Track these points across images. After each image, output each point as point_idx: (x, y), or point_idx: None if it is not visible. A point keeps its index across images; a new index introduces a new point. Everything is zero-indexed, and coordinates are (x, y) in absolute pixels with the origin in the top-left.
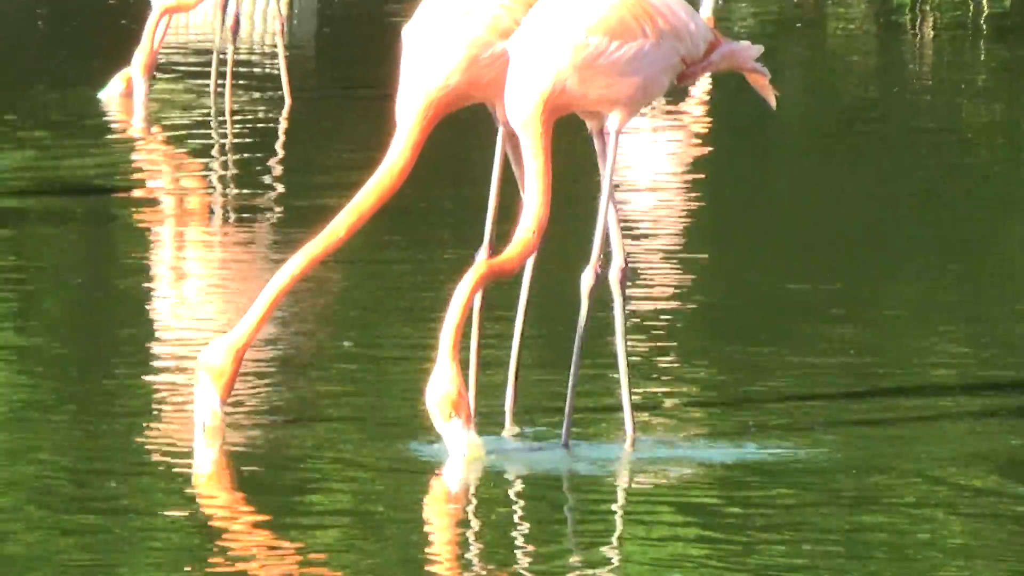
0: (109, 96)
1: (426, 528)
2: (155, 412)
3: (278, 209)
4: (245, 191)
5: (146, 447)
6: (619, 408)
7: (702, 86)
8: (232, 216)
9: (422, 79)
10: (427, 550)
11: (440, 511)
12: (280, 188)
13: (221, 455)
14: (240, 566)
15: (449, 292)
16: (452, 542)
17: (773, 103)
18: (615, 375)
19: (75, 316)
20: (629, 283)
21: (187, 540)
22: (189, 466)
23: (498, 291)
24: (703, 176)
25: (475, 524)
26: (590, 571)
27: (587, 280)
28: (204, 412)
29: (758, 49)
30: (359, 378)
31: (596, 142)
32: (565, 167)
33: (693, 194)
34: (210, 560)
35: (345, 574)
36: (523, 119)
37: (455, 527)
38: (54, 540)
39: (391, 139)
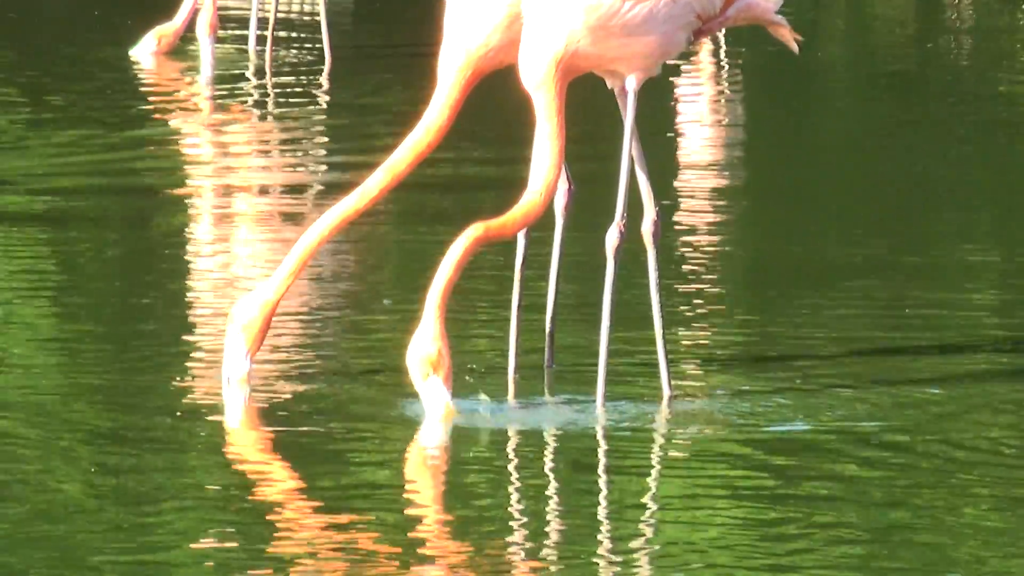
0: (141, 53)
1: (455, 481)
2: (192, 365)
3: (321, 169)
4: (286, 150)
5: (181, 396)
6: (655, 365)
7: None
8: (275, 176)
9: (464, 38)
10: (455, 504)
11: (467, 467)
12: (322, 146)
13: (251, 404)
14: (270, 515)
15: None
16: (479, 497)
17: (796, 49)
18: (651, 332)
19: (117, 273)
20: (662, 236)
21: (217, 482)
22: (220, 414)
23: (536, 249)
24: (742, 128)
25: (507, 481)
26: (623, 530)
27: (612, 239)
28: (233, 366)
29: (777, 1)
30: (394, 337)
31: (619, 99)
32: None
33: (734, 147)
34: (238, 503)
35: (368, 516)
36: (536, 81)
37: (483, 484)
38: (99, 478)
39: (430, 98)
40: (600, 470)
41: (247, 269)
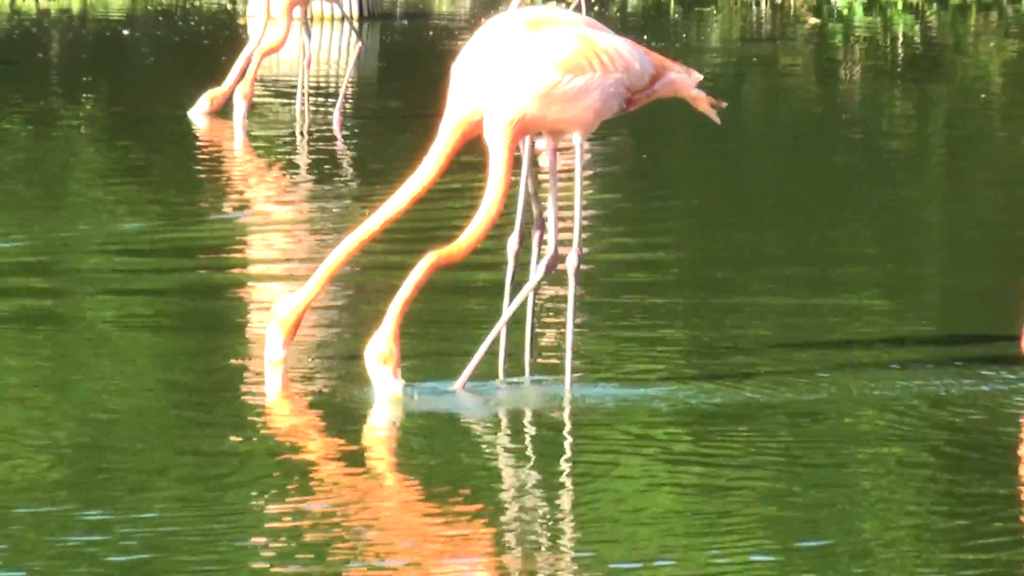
0: (197, 111)
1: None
2: (242, 354)
3: (346, 199)
4: (324, 187)
5: (231, 377)
6: (617, 357)
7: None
8: (307, 194)
9: (462, 105)
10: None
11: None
12: (350, 183)
13: (286, 381)
14: (309, 474)
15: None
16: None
17: (717, 120)
18: (607, 331)
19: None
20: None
21: (265, 447)
22: (261, 390)
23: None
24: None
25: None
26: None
27: (572, 261)
28: (272, 353)
29: (696, 78)
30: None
31: (549, 155)
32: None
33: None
34: (277, 455)
35: (386, 475)
36: (494, 138)
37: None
38: (170, 456)
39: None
40: (550, 448)
41: (283, 285)
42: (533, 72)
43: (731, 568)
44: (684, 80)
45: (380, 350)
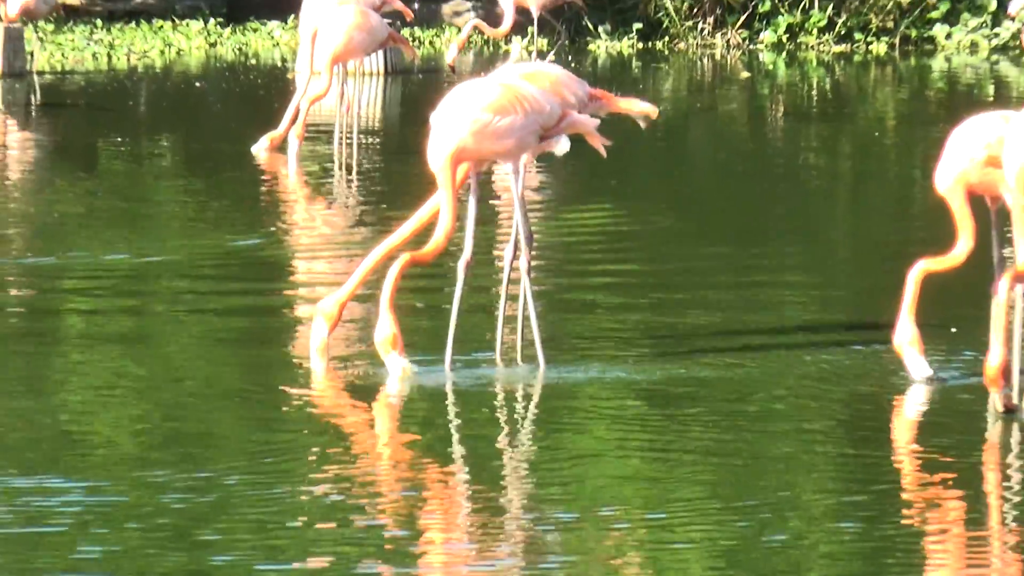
0: (259, 148)
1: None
2: (292, 344)
3: (374, 220)
4: (359, 209)
5: (283, 364)
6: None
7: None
8: (353, 216)
9: (441, 144)
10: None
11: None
12: (378, 206)
13: (328, 367)
14: (335, 434)
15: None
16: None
17: (603, 153)
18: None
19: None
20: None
21: (312, 418)
22: (308, 373)
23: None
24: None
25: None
26: (536, 455)
27: (523, 263)
28: (317, 341)
29: (594, 122)
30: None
31: (512, 181)
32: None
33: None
34: (322, 424)
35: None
36: (438, 168)
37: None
38: (235, 428)
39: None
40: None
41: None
42: (469, 114)
43: (675, 517)
44: (584, 121)
45: (385, 336)
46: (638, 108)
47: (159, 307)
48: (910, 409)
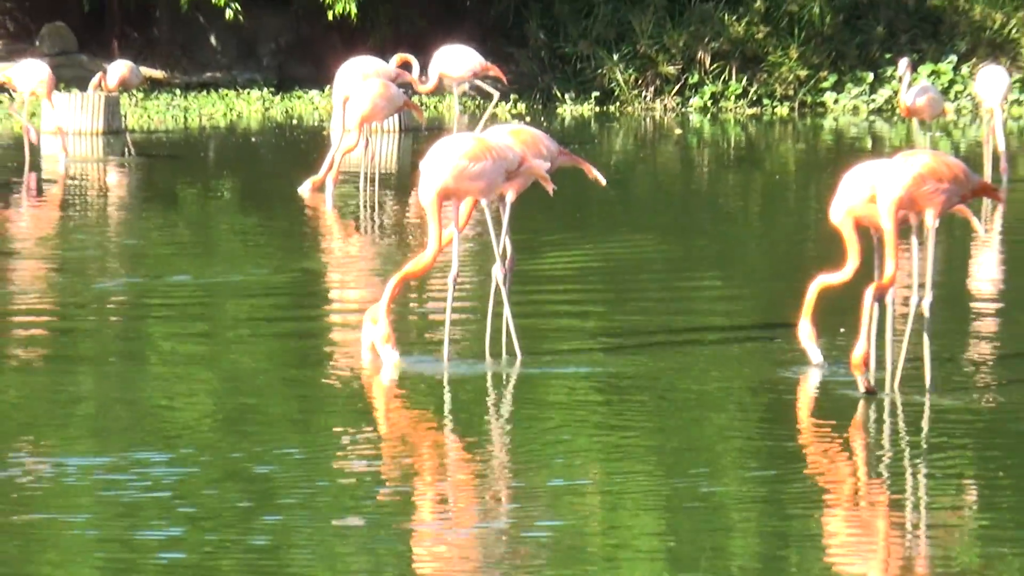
0: (303, 189)
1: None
2: (339, 344)
3: (395, 247)
4: (382, 237)
5: (336, 358)
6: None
7: None
8: (377, 243)
9: (428, 185)
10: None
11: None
12: (397, 236)
13: (375, 359)
14: (390, 426)
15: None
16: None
17: (551, 192)
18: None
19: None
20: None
21: (357, 402)
22: (359, 365)
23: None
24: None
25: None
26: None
27: (496, 271)
28: (367, 341)
29: (545, 165)
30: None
31: (499, 204)
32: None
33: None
34: (369, 415)
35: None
36: (427, 204)
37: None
38: (287, 407)
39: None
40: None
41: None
42: (449, 161)
43: (626, 483)
44: (538, 166)
45: (382, 333)
46: (593, 173)
47: (223, 319)
48: (804, 392)
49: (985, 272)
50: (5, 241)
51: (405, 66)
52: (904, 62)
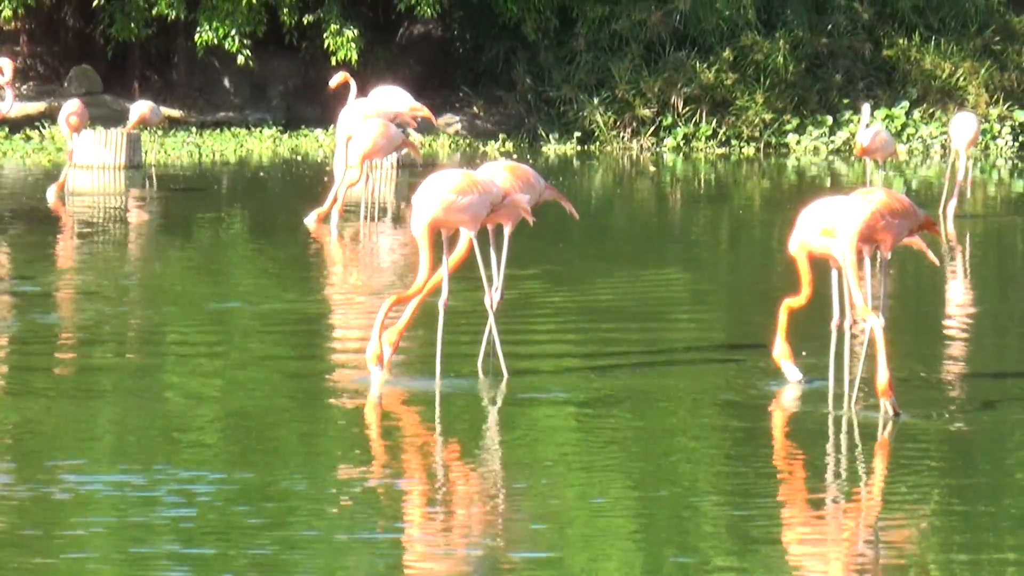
0: (309, 220)
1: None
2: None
3: (395, 275)
4: (382, 264)
5: (348, 374)
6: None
7: None
8: (378, 269)
9: (419, 217)
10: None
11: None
12: (400, 262)
13: (387, 370)
14: (401, 433)
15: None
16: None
17: (531, 222)
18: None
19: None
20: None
21: (349, 419)
22: (349, 388)
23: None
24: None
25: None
26: (491, 450)
27: (486, 299)
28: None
29: (527, 199)
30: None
31: (489, 237)
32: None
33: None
34: (381, 427)
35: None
36: (418, 235)
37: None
38: (298, 423)
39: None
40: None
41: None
42: (438, 194)
43: (602, 488)
44: (520, 200)
45: (372, 352)
46: (569, 208)
47: (234, 339)
48: (776, 408)
49: (954, 296)
50: (30, 268)
51: (345, 86)
52: (867, 107)
